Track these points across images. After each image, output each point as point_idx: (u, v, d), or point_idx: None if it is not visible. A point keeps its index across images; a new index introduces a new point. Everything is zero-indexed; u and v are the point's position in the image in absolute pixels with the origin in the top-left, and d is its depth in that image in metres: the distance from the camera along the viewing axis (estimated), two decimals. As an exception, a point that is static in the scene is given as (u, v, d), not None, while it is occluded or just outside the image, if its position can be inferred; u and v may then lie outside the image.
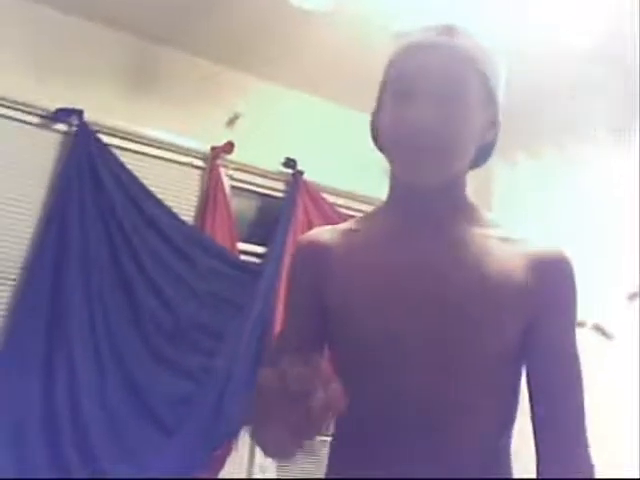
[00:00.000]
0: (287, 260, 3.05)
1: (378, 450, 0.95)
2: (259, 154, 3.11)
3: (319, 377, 0.73)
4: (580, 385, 0.96)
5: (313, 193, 3.20)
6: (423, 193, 1.01)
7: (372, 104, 1.05)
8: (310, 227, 3.14)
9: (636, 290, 2.76)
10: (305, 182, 3.17)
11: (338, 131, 3.31)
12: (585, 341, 1.09)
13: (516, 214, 2.85)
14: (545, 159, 3.22)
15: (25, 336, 2.51)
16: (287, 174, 3.17)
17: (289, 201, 3.13)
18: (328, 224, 3.55)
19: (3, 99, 2.61)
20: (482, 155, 1.05)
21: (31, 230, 2.63)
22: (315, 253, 1.07)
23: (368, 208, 3.56)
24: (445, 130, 0.94)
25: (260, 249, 3.10)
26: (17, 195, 2.64)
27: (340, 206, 3.29)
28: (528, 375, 0.99)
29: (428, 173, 0.97)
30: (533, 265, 0.97)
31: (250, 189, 3.18)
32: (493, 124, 1.03)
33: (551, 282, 0.97)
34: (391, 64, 1.01)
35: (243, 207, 3.18)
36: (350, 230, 1.09)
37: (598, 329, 2.79)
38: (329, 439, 1.02)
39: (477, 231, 1.01)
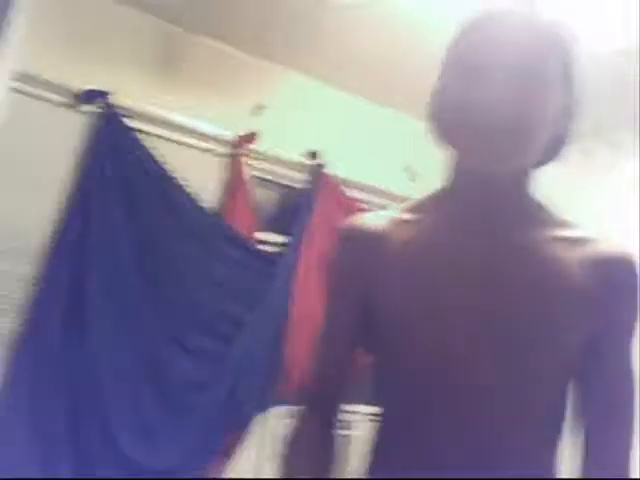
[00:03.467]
0: (305, 250, 3.07)
1: (427, 449, 0.90)
2: (282, 144, 3.12)
3: None
4: (631, 403, 0.92)
5: (333, 185, 3.21)
6: (486, 186, 0.91)
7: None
8: (329, 219, 3.15)
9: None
10: (326, 174, 3.18)
11: (362, 125, 3.31)
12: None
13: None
14: (572, 163, 3.19)
15: (45, 317, 2.53)
16: (309, 165, 3.18)
17: (309, 192, 3.14)
18: (347, 217, 3.55)
19: (32, 77, 2.64)
20: (553, 148, 0.94)
21: (54, 210, 2.67)
22: (362, 242, 0.97)
23: (388, 203, 3.55)
24: (521, 110, 0.83)
25: (279, 238, 3.12)
26: (41, 174, 2.67)
27: (360, 200, 3.30)
28: (579, 382, 0.93)
29: (498, 158, 0.86)
30: (595, 270, 0.88)
31: (271, 179, 3.19)
32: (569, 113, 0.92)
33: (611, 289, 0.89)
34: (459, 37, 0.90)
35: (263, 196, 3.20)
36: (401, 220, 0.97)
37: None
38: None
39: (541, 232, 0.91)
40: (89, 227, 2.63)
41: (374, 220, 0.99)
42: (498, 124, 0.83)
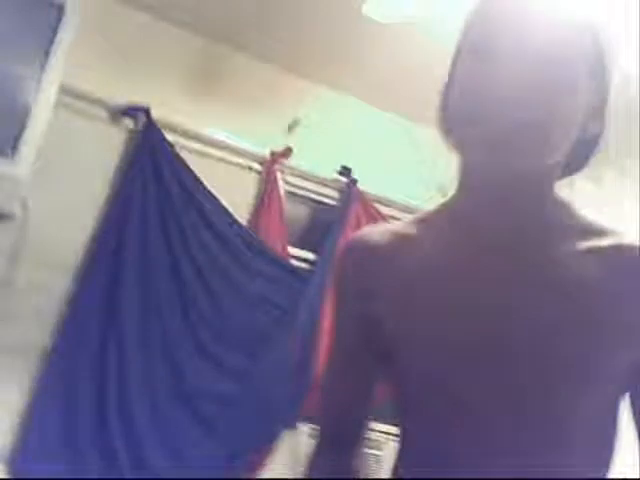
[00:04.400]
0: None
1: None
2: (316, 161, 3.14)
3: None
4: None
5: (366, 203, 3.21)
6: (501, 191, 0.78)
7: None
8: (361, 237, 3.15)
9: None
10: (359, 191, 3.19)
11: (396, 143, 3.32)
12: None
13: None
14: (605, 184, 3.15)
15: (79, 331, 2.57)
16: (342, 182, 3.19)
17: (342, 209, 3.15)
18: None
19: (74, 91, 2.70)
20: (579, 154, 0.81)
21: (93, 221, 2.72)
22: (366, 259, 0.88)
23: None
24: (543, 100, 0.71)
25: (310, 255, 3.13)
26: (81, 187, 2.73)
27: (393, 218, 3.29)
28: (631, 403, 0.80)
29: (516, 156, 0.73)
30: (632, 278, 0.76)
31: (304, 195, 3.21)
32: (599, 115, 0.79)
33: None
34: (472, 20, 0.79)
35: (296, 212, 3.22)
36: (407, 235, 0.88)
37: None
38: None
39: (567, 239, 0.79)
40: (125, 239, 2.68)
41: (375, 236, 0.90)
42: (514, 116, 0.71)
